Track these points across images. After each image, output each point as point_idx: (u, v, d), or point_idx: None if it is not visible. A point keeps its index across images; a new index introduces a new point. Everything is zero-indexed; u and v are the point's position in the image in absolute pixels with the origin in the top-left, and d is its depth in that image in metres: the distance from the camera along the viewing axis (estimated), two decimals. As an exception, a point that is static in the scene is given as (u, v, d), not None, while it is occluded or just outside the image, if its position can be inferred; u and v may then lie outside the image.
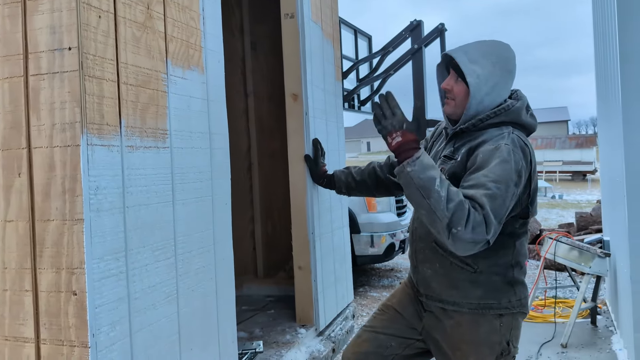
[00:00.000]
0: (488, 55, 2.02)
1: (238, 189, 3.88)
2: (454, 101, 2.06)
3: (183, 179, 1.82)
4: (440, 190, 1.76)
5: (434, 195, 1.76)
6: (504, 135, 1.96)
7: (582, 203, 15.82)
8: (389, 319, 2.23)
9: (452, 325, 2.03)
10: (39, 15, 1.42)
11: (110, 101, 1.50)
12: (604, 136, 5.42)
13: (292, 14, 2.95)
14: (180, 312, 1.77)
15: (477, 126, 2.03)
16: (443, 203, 1.75)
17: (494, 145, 1.91)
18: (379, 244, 6.53)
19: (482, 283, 1.99)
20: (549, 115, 60.00)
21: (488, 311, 1.99)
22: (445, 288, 2.04)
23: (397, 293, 2.31)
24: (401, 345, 2.17)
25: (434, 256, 2.05)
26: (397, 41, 6.99)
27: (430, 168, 1.81)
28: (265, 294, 3.78)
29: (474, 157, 1.92)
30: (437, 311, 2.08)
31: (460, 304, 2.02)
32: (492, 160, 1.86)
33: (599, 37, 5.31)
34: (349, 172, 2.66)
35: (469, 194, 1.80)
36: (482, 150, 1.91)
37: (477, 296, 1.99)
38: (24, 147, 1.44)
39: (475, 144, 1.97)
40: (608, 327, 4.76)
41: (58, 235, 1.41)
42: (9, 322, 1.46)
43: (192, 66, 1.90)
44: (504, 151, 1.87)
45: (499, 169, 1.84)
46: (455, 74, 2.05)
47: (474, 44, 2.08)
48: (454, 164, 1.99)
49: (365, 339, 2.22)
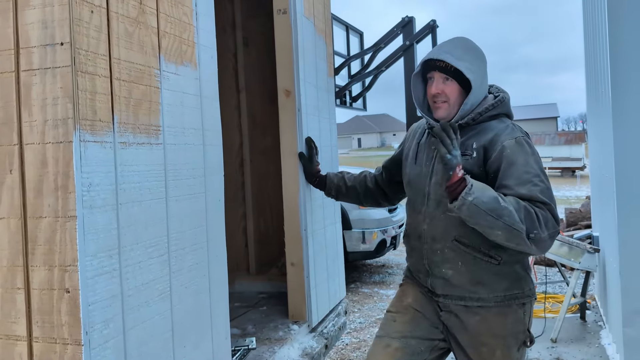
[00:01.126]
0: (468, 50, 2.08)
1: (230, 185, 3.87)
2: (446, 103, 2.07)
3: (176, 176, 1.81)
4: (507, 205, 1.82)
5: (505, 212, 1.80)
6: (511, 127, 2.03)
7: (572, 199, 15.94)
8: (412, 320, 2.16)
9: (477, 321, 2.03)
10: (30, 10, 1.41)
11: (103, 97, 1.48)
12: (594, 132, 5.46)
13: (284, 10, 2.94)
14: (174, 309, 1.76)
15: (476, 120, 2.05)
16: (517, 216, 1.81)
17: (512, 138, 1.97)
18: (370, 240, 6.55)
19: (506, 274, 2.02)
20: (538, 112, 60.35)
21: (514, 301, 2.02)
22: (470, 285, 2.03)
23: (409, 292, 2.24)
24: (428, 347, 2.14)
25: (455, 255, 2.03)
26: (389, 38, 7.00)
27: (486, 189, 1.86)
28: (257, 290, 3.77)
29: (499, 152, 1.95)
30: (457, 310, 2.07)
31: (486, 299, 2.03)
32: (521, 155, 1.93)
33: (589, 34, 5.33)
34: (342, 177, 2.67)
35: (525, 195, 1.86)
36: (506, 145, 1.95)
37: (503, 288, 2.02)
38: (15, 144, 1.42)
39: (488, 139, 1.99)
40: (597, 322, 4.81)
41: (50, 233, 1.40)
42: (1, 320, 1.44)
43: (185, 62, 1.89)
44: (526, 144, 1.96)
45: (533, 161, 1.93)
46: (442, 76, 2.05)
47: (448, 43, 2.12)
48: (468, 160, 2.00)
49: (398, 347, 2.11)
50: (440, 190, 2.04)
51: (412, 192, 2.21)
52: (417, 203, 2.16)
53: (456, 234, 2.02)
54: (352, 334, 5.00)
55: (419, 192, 2.15)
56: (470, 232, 1.99)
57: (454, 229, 2.03)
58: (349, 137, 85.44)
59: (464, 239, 2.01)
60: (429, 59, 2.08)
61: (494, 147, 1.96)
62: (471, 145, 2.01)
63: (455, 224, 2.01)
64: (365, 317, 5.53)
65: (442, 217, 2.05)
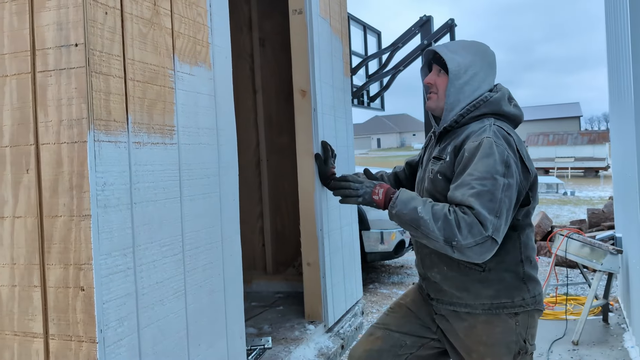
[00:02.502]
0: (468, 48, 2.08)
1: (247, 185, 3.89)
2: (436, 95, 2.08)
3: (190, 175, 1.82)
4: (424, 215, 1.84)
5: (421, 222, 1.84)
6: (485, 128, 1.94)
7: (594, 200, 15.69)
8: (403, 317, 2.19)
9: (465, 327, 2.00)
10: (46, 12, 1.43)
11: (117, 97, 1.50)
12: (617, 132, 5.36)
13: (300, 10, 2.94)
14: (188, 308, 1.77)
15: (459, 122, 2.02)
16: (431, 225, 1.82)
17: (477, 140, 1.89)
18: (388, 240, 6.51)
19: (492, 282, 1.96)
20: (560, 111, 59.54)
21: (502, 311, 1.96)
22: (456, 291, 2.01)
23: (410, 293, 2.28)
24: (415, 344, 2.14)
25: (440, 261, 2.02)
26: (407, 37, 6.96)
27: (409, 201, 1.91)
28: (274, 290, 3.78)
29: (460, 156, 1.92)
30: (448, 314, 2.06)
31: (472, 306, 1.99)
32: (475, 158, 1.86)
33: (611, 34, 5.25)
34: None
35: (457, 199, 1.83)
36: (467, 148, 1.90)
37: (489, 296, 1.96)
38: (31, 144, 1.44)
39: (460, 141, 1.97)
40: (620, 324, 4.72)
41: (66, 231, 1.41)
42: (18, 318, 1.47)
43: (199, 62, 1.90)
44: (486, 145, 1.86)
45: (482, 164, 1.83)
46: (437, 68, 2.09)
47: (455, 41, 2.17)
48: (442, 164, 1.99)
49: (379, 336, 2.17)
50: (426, 195, 2.05)
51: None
52: None
53: None
54: (369, 335, 4.98)
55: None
56: None
57: None
58: (368, 137, 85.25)
59: None
60: (428, 50, 2.14)
61: (460, 149, 1.94)
62: (447, 148, 2.00)
63: None
64: (383, 318, 5.49)
65: None
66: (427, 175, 2.07)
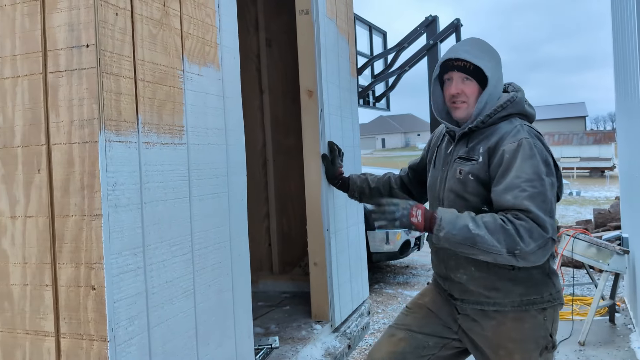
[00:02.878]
0: (485, 50, 2.07)
1: (253, 185, 3.90)
2: (466, 103, 2.04)
3: (199, 175, 1.83)
4: (478, 231, 1.79)
5: (478, 239, 1.79)
6: (518, 128, 1.97)
7: (600, 200, 15.63)
8: (424, 317, 2.18)
9: (494, 325, 2.01)
10: (57, 13, 1.44)
11: (128, 98, 1.51)
12: (623, 132, 5.35)
13: (307, 10, 2.95)
14: (197, 307, 1.78)
15: (486, 122, 2.02)
16: (489, 240, 1.78)
17: (515, 141, 1.91)
18: (394, 240, 6.51)
19: (522, 279, 1.97)
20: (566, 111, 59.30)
21: (532, 307, 1.98)
22: (485, 290, 2.01)
23: (428, 292, 2.27)
24: (437, 344, 2.14)
25: (467, 262, 2.01)
26: (412, 37, 6.96)
27: (456, 220, 1.84)
28: (280, 290, 3.79)
29: (499, 157, 1.91)
30: (474, 313, 2.06)
31: (502, 304, 2.00)
32: (517, 159, 1.87)
33: (618, 33, 5.23)
34: (365, 178, 2.66)
35: (509, 204, 1.82)
36: (506, 149, 1.90)
37: (519, 293, 1.98)
38: (43, 144, 1.46)
39: (494, 142, 1.96)
40: (627, 325, 4.71)
41: (77, 231, 1.43)
42: (30, 316, 1.48)
43: (208, 63, 1.91)
44: (526, 147, 1.89)
45: (528, 166, 1.85)
46: (461, 75, 2.03)
47: (464, 43, 2.10)
48: (474, 165, 1.98)
49: (402, 337, 2.15)
50: (451, 196, 2.04)
51: (430, 196, 2.23)
52: (433, 207, 2.17)
53: None
54: (375, 335, 4.98)
55: (435, 197, 2.16)
56: None
57: None
58: (373, 137, 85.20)
59: None
60: (447, 60, 2.05)
61: (496, 151, 1.93)
62: (478, 149, 1.99)
63: None
64: (389, 318, 5.50)
65: None
66: (451, 175, 2.05)
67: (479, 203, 1.98)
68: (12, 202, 1.49)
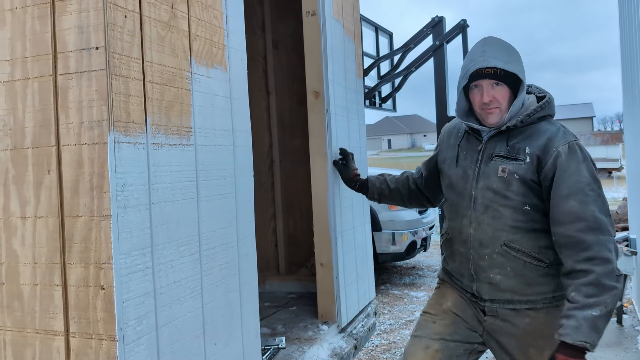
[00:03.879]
0: (511, 52, 2.05)
1: (260, 186, 3.92)
2: (498, 109, 2.02)
3: (207, 176, 1.84)
4: (599, 307, 1.79)
5: (605, 309, 1.79)
6: (563, 130, 2.01)
7: (608, 201, 15.54)
8: (452, 324, 2.16)
9: (527, 324, 2.02)
10: (67, 16, 1.45)
11: (136, 99, 1.52)
12: (631, 132, 5.32)
13: (313, 12, 2.95)
14: (205, 308, 1.79)
15: (525, 122, 2.02)
16: (607, 296, 1.80)
17: (565, 143, 1.94)
18: (400, 241, 6.51)
19: (554, 275, 2.00)
20: (573, 112, 59.07)
21: (561, 302, 1.98)
22: (519, 289, 2.02)
23: (449, 295, 2.23)
24: (467, 351, 2.14)
25: (504, 260, 2.01)
26: (419, 38, 6.96)
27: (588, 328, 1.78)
28: (287, 290, 3.80)
29: (553, 159, 1.93)
30: (504, 314, 2.06)
31: (535, 301, 2.01)
32: (573, 162, 1.91)
33: (625, 34, 5.21)
34: (384, 179, 2.64)
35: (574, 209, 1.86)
36: (561, 152, 1.93)
37: (551, 289, 2.01)
38: (53, 145, 1.47)
39: (542, 144, 1.97)
40: (634, 326, 4.68)
41: (86, 231, 1.44)
42: (40, 316, 1.49)
43: (215, 64, 1.92)
44: (578, 149, 1.94)
45: (584, 169, 1.91)
46: (491, 82, 2.01)
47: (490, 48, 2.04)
48: (521, 165, 1.98)
49: (437, 349, 2.11)
50: (489, 194, 2.02)
51: (455, 195, 2.15)
52: (461, 207, 2.11)
53: (506, 239, 2.00)
54: (382, 336, 4.98)
55: (464, 196, 2.10)
56: (520, 237, 1.98)
57: (503, 233, 2.00)
58: (379, 138, 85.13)
59: (514, 244, 1.99)
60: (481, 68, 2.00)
61: (548, 153, 1.94)
62: (523, 149, 1.98)
63: (505, 228, 1.99)
64: (395, 319, 5.50)
65: (490, 221, 2.02)
66: (489, 173, 2.03)
67: (521, 203, 1.97)
68: (22, 202, 1.51)
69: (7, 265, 1.53)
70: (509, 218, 1.99)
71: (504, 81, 2.00)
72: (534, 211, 1.98)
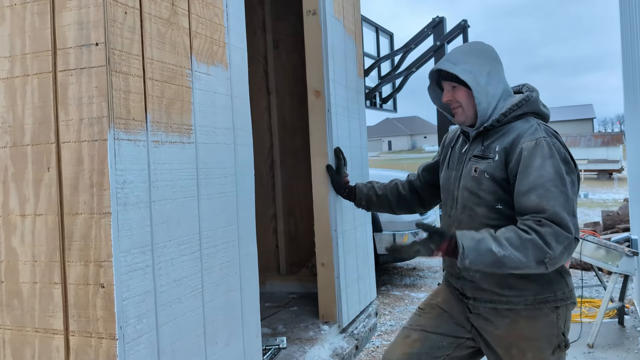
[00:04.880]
0: (467, 53, 2.11)
1: (260, 186, 3.90)
2: (461, 108, 2.10)
3: (207, 174, 1.83)
4: (504, 251, 1.81)
5: (505, 260, 1.81)
6: (535, 127, 1.99)
7: (608, 202, 15.53)
8: (437, 317, 2.18)
9: (506, 324, 2.01)
10: (67, 12, 1.44)
11: (137, 96, 1.51)
12: (632, 133, 5.32)
13: (314, 11, 2.95)
14: (205, 307, 1.78)
15: (501, 121, 2.05)
16: (517, 257, 1.80)
17: (533, 139, 1.93)
18: (401, 242, 6.49)
19: (535, 278, 1.97)
20: (573, 113, 59.09)
21: (545, 305, 1.98)
22: (498, 288, 2.01)
23: (440, 292, 2.27)
24: (452, 344, 2.14)
25: None
26: (419, 38, 6.95)
27: (478, 244, 1.84)
28: (288, 291, 3.79)
29: (517, 155, 1.93)
30: (486, 312, 2.06)
31: (515, 302, 2.00)
32: (537, 158, 1.89)
33: (627, 36, 5.20)
34: (371, 186, 2.65)
35: (534, 203, 1.83)
36: (525, 147, 1.92)
37: (532, 292, 1.99)
38: (52, 142, 1.46)
39: (509, 140, 1.98)
40: (636, 327, 4.67)
41: (86, 229, 1.43)
42: (39, 314, 1.48)
43: (216, 62, 1.91)
44: (545, 146, 1.90)
45: (549, 165, 1.87)
46: (449, 83, 2.10)
47: (453, 51, 2.17)
48: (490, 163, 2.00)
49: (416, 338, 2.15)
50: (466, 194, 2.07)
51: (444, 195, 2.25)
52: (447, 207, 2.20)
53: None
54: (383, 337, 4.97)
55: (450, 196, 2.18)
56: None
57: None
58: (380, 139, 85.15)
59: None
60: (432, 71, 2.16)
61: (514, 150, 1.95)
62: (494, 148, 2.01)
63: (480, 227, 1.99)
64: (396, 320, 5.48)
65: (467, 221, 2.06)
66: (466, 173, 2.08)
67: (493, 201, 2.00)
68: (21, 200, 1.50)
69: (7, 264, 1.52)
70: (483, 216, 2.02)
71: (461, 82, 2.06)
72: (506, 209, 1.98)
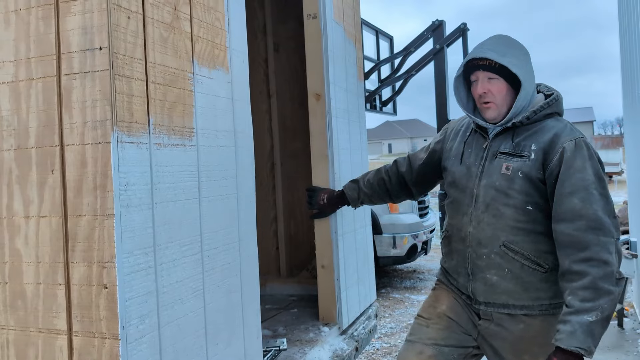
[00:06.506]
0: (511, 46, 2.02)
1: (261, 188, 3.92)
2: (493, 103, 2.00)
3: (209, 177, 1.85)
4: (595, 312, 1.75)
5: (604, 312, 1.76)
6: (570, 127, 1.98)
7: (608, 205, 15.51)
8: (446, 328, 2.11)
9: (521, 330, 1.98)
10: (71, 17, 1.47)
11: (139, 100, 1.53)
12: (631, 136, 5.33)
13: (314, 15, 2.97)
14: (207, 308, 1.80)
15: (531, 119, 1.99)
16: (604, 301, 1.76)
17: (572, 140, 1.91)
18: (401, 245, 6.52)
19: (553, 282, 1.95)
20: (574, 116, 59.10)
21: (558, 310, 1.94)
22: (515, 292, 1.97)
23: (444, 299, 2.18)
24: (461, 355, 2.10)
25: (502, 261, 1.97)
26: (419, 41, 6.98)
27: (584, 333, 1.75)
28: (288, 293, 3.80)
29: (559, 155, 1.89)
30: (499, 318, 2.02)
31: (531, 307, 1.97)
32: (578, 159, 1.88)
33: (625, 39, 5.23)
34: (358, 189, 2.62)
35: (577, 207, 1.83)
36: (567, 148, 1.90)
37: (548, 296, 1.96)
38: (56, 145, 1.48)
39: (548, 139, 1.94)
40: (635, 329, 4.68)
41: (89, 230, 1.45)
42: (43, 315, 1.50)
43: (217, 66, 1.93)
44: (584, 147, 1.90)
45: (589, 167, 1.87)
46: (486, 75, 1.99)
47: (490, 40, 2.05)
48: (526, 162, 1.95)
49: (431, 355, 2.07)
50: (491, 192, 1.99)
51: (457, 192, 2.13)
52: (462, 204, 2.09)
53: (505, 240, 1.96)
54: (382, 339, 4.98)
55: (466, 193, 2.08)
56: (520, 239, 1.94)
57: (503, 233, 1.96)
58: (380, 142, 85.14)
59: (514, 245, 1.95)
60: (472, 59, 2.01)
61: (554, 149, 1.91)
62: (529, 146, 1.95)
63: (505, 228, 1.95)
64: (396, 322, 5.50)
65: (491, 220, 1.99)
66: (492, 171, 2.00)
67: (523, 202, 1.94)
68: (26, 202, 1.52)
69: (11, 265, 1.54)
70: (509, 218, 1.95)
71: (501, 75, 1.97)
72: (536, 211, 1.94)
